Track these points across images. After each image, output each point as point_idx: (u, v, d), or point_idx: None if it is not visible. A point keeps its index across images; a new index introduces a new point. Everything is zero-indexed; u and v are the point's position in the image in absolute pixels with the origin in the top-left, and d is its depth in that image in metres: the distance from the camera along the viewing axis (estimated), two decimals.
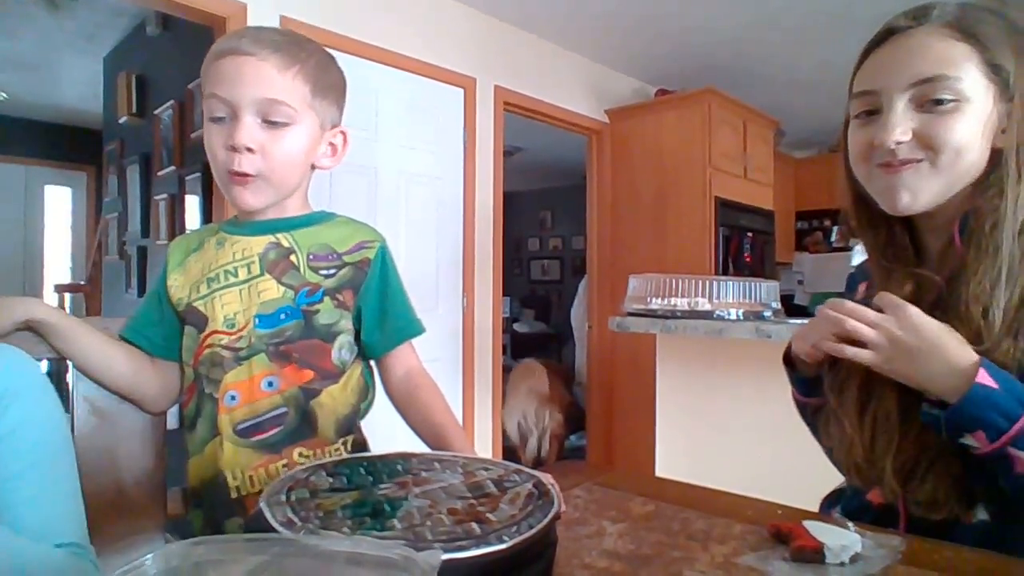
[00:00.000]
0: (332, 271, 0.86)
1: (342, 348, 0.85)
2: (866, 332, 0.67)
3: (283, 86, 0.81)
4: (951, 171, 0.69)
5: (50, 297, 5.13)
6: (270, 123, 0.81)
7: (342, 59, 0.93)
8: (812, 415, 0.86)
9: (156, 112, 3.35)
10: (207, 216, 2.86)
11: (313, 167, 0.90)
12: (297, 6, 2.44)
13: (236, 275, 0.85)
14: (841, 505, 0.81)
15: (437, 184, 2.96)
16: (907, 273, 0.73)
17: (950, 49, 0.68)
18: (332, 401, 0.83)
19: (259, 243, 0.86)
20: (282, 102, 0.81)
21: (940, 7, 0.70)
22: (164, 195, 3.28)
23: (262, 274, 0.84)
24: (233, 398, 0.81)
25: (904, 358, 0.65)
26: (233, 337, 0.82)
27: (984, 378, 0.61)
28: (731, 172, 3.60)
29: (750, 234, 3.73)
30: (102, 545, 0.83)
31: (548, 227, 7.58)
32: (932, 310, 0.66)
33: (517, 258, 7.65)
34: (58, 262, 5.94)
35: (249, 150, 0.80)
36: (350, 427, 0.86)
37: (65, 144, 5.78)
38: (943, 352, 0.63)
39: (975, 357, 0.63)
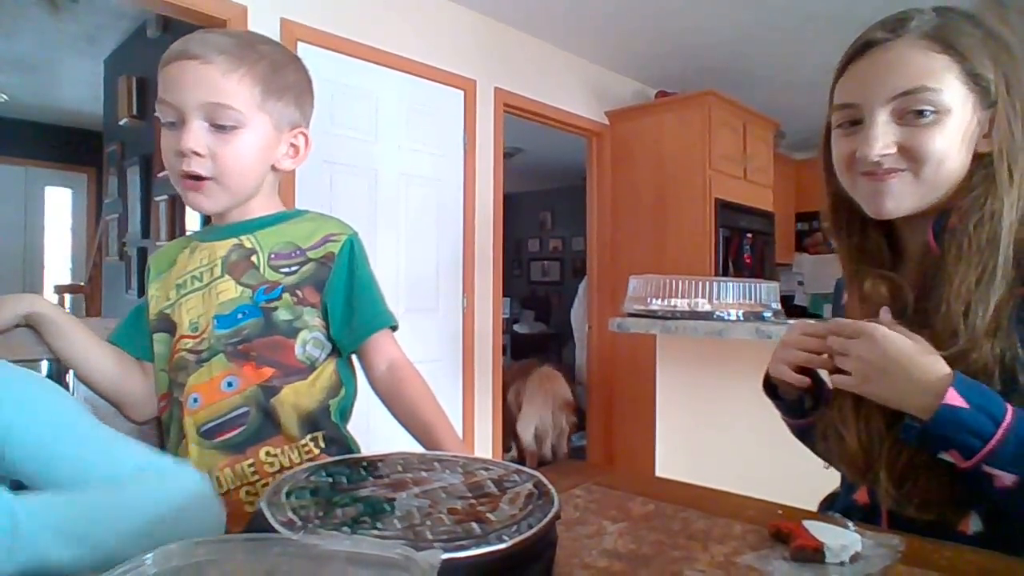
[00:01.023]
0: (294, 268, 0.85)
1: (307, 344, 0.83)
2: (839, 353, 0.69)
3: (228, 89, 0.79)
4: (933, 180, 0.70)
5: (50, 298, 5.08)
6: (218, 127, 0.80)
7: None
8: (806, 434, 0.86)
9: (156, 114, 3.34)
10: (206, 218, 2.85)
11: (275, 168, 0.88)
12: (297, 8, 2.44)
13: (201, 280, 0.85)
14: (834, 507, 0.82)
15: (437, 185, 2.96)
16: (878, 276, 0.74)
17: (929, 62, 0.68)
18: (295, 397, 0.81)
19: (224, 247, 0.86)
20: (228, 106, 0.79)
21: (918, 17, 0.70)
22: (164, 196, 3.29)
23: (222, 276, 0.84)
24: (195, 400, 0.80)
25: (876, 380, 0.66)
26: (196, 340, 0.82)
27: (953, 398, 0.61)
28: (731, 173, 3.60)
29: (750, 235, 3.73)
30: None
31: (548, 228, 7.58)
32: (905, 312, 0.67)
33: (517, 259, 7.65)
34: (58, 263, 5.94)
35: (197, 154, 0.79)
36: (317, 423, 0.83)
37: (65, 146, 5.79)
38: (912, 372, 0.63)
39: (945, 372, 0.62)
